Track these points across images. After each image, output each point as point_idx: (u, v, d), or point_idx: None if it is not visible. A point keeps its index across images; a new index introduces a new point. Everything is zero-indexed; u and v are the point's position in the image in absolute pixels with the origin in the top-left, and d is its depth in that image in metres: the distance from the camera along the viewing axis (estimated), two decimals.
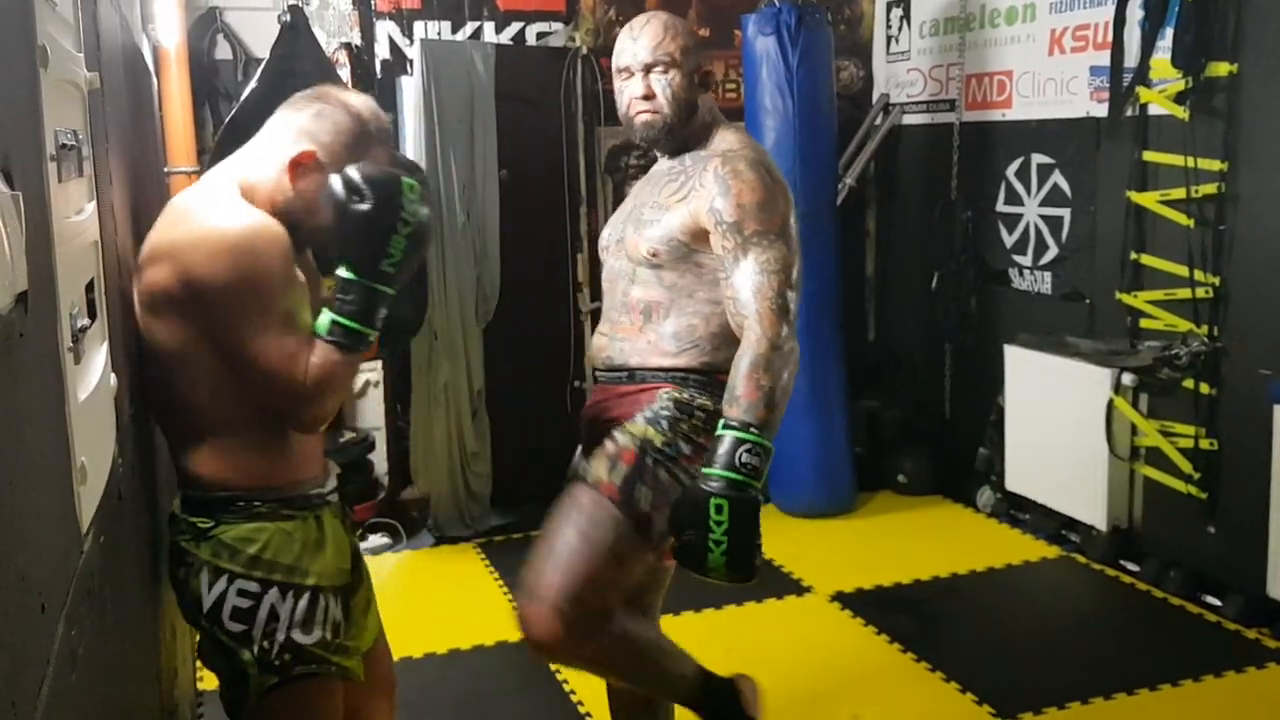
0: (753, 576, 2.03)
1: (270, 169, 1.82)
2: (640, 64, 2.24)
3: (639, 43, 2.25)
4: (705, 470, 2.01)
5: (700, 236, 2.19)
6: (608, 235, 2.40)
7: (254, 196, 1.82)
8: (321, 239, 1.84)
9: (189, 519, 1.81)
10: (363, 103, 1.87)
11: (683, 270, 2.21)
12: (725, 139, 2.29)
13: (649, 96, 2.23)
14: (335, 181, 1.74)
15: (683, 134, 2.28)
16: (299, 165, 1.80)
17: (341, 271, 1.76)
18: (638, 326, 2.26)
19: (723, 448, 2.01)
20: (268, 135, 1.86)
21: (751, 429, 2.00)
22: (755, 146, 2.30)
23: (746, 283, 2.10)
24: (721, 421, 2.04)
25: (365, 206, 1.72)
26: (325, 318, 1.76)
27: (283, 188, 1.81)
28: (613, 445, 2.17)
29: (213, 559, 1.78)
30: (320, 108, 1.83)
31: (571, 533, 2.11)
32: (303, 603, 1.80)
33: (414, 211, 1.75)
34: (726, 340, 2.17)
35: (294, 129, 1.83)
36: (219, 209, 1.74)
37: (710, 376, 2.19)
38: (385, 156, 1.88)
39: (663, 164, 2.35)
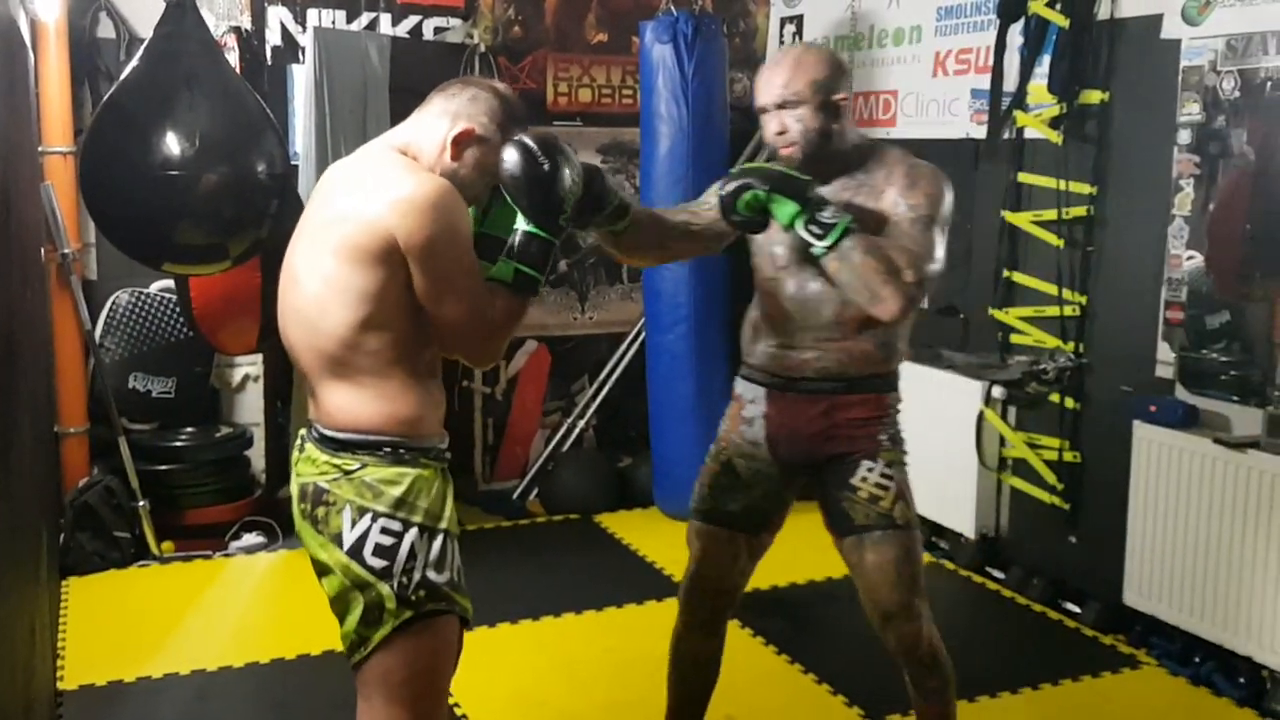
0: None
1: (429, 145, 2.00)
2: (772, 103, 2.38)
3: (771, 82, 2.38)
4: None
5: None
6: (784, 256, 2.48)
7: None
8: (470, 203, 2.04)
9: (331, 460, 1.94)
10: (505, 89, 2.10)
11: None
12: (894, 154, 2.44)
13: (783, 132, 2.38)
14: (513, 149, 1.97)
15: (825, 158, 2.39)
16: (460, 141, 1.99)
17: (523, 224, 2.00)
18: (850, 340, 2.44)
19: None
20: (424, 117, 2.04)
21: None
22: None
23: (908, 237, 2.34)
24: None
25: (546, 168, 1.97)
26: (508, 266, 1.99)
27: (443, 162, 1.99)
28: (892, 483, 2.51)
29: (356, 498, 1.92)
30: (475, 92, 2.03)
31: (913, 568, 2.62)
32: (436, 544, 1.95)
33: (578, 172, 2.05)
34: (907, 339, 2.52)
35: (451, 111, 2.01)
36: (412, 175, 1.93)
37: (897, 373, 2.53)
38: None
39: (830, 190, 2.41)
